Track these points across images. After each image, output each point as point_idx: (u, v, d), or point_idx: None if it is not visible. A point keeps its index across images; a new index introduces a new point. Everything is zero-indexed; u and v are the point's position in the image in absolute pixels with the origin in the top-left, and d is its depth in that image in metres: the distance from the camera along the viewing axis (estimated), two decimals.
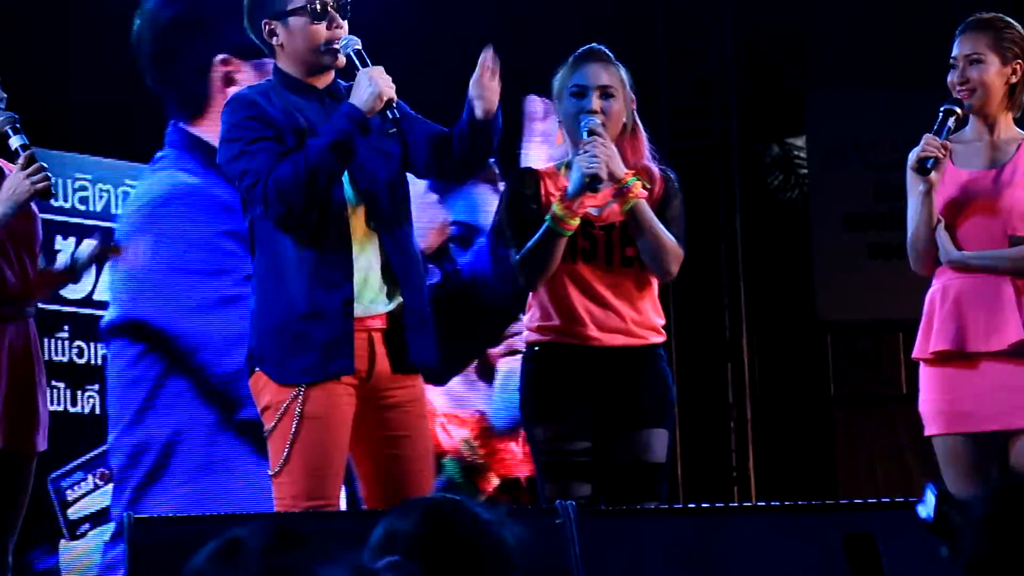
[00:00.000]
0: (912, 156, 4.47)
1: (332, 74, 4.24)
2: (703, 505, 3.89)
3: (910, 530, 3.66)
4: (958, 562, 1.89)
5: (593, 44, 4.57)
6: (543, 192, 4.48)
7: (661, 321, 4.55)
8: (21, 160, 4.18)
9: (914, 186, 4.52)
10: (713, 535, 3.63)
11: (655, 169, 4.54)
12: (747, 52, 9.08)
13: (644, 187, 4.43)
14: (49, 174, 4.23)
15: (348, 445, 4.12)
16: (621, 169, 4.36)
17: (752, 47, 9.11)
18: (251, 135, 4.08)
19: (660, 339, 4.53)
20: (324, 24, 4.13)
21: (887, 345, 9.29)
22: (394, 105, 4.05)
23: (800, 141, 9.41)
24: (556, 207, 4.35)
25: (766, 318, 9.19)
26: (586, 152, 4.32)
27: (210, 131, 6.41)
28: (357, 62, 4.10)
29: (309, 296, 4.05)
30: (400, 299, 4.16)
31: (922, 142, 4.45)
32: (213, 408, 6.26)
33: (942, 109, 4.50)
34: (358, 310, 4.08)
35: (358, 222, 4.14)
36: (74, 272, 4.46)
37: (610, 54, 4.55)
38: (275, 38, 4.18)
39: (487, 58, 4.09)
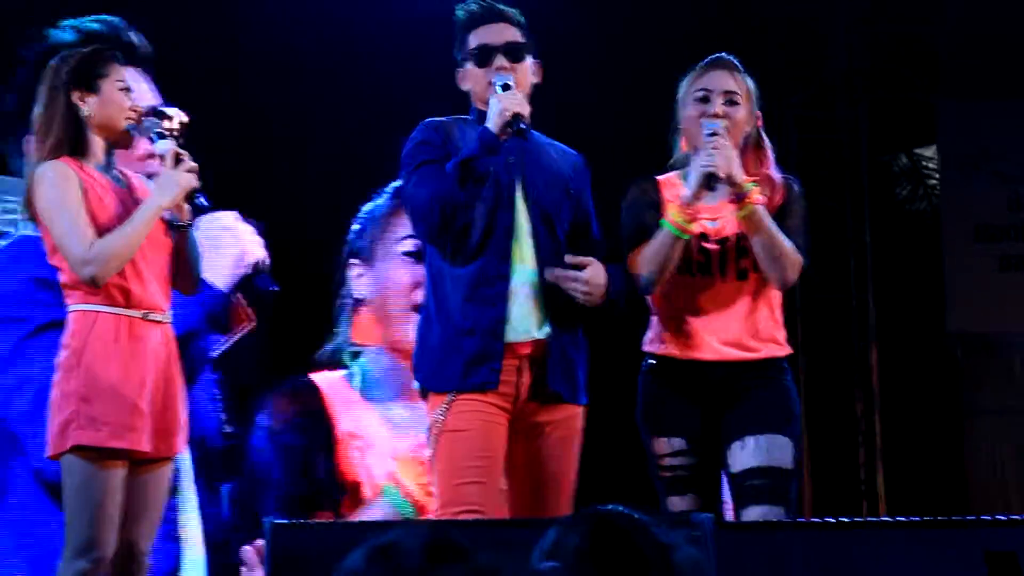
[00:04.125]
0: None
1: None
2: (840, 520, 3.85)
3: None
4: None
5: (722, 53, 4.57)
6: (662, 200, 4.48)
7: (782, 334, 4.51)
8: (169, 159, 4.18)
9: None
10: (851, 550, 3.60)
11: (777, 177, 4.51)
12: (875, 62, 9.01)
13: (762, 194, 4.40)
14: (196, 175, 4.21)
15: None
16: (740, 174, 4.34)
17: (880, 56, 9.04)
18: (420, 158, 4.35)
19: (781, 352, 4.48)
20: (485, 69, 4.38)
21: (1018, 358, 9.17)
22: (521, 119, 4.22)
23: (928, 151, 9.31)
24: (673, 211, 4.35)
25: (895, 330, 9.10)
26: (704, 151, 4.33)
27: None
28: (502, 87, 4.32)
29: (463, 312, 4.28)
30: (549, 329, 4.30)
31: None
32: None
33: None
34: (510, 334, 4.25)
35: (519, 247, 4.33)
36: None
37: (738, 63, 4.54)
38: (463, 84, 4.46)
39: (557, 275, 4.29)
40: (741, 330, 4.42)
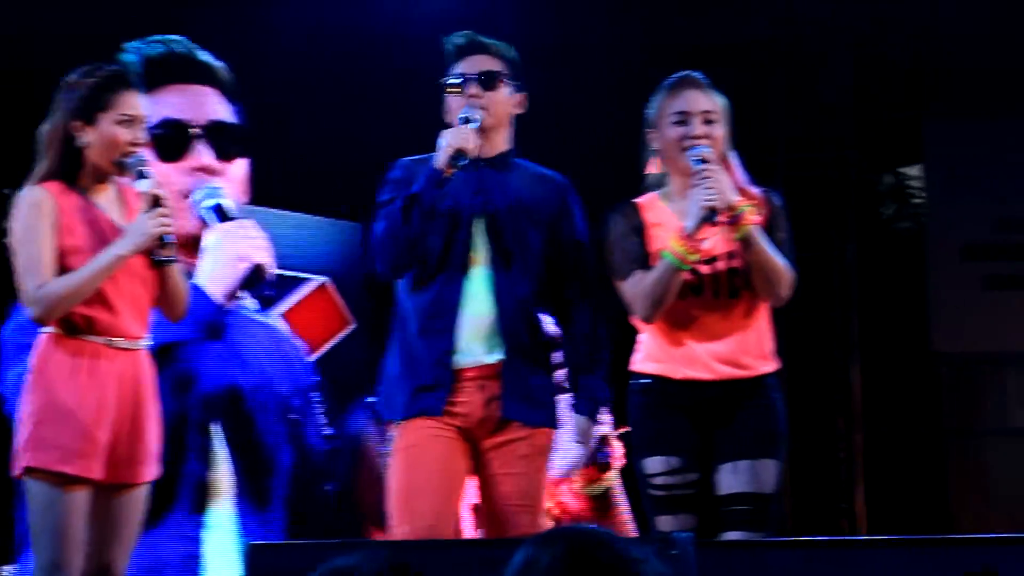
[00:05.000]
0: None
1: (500, 144, 4.50)
2: (818, 539, 3.85)
3: None
4: None
5: (689, 71, 4.56)
6: (645, 225, 4.47)
7: (772, 349, 4.52)
8: (145, 201, 4.15)
9: None
10: (830, 568, 3.60)
11: (757, 192, 4.50)
12: (863, 82, 9.02)
13: (756, 213, 4.40)
14: (169, 220, 4.16)
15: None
16: (734, 196, 4.34)
17: (869, 76, 9.06)
18: (383, 199, 4.45)
19: (771, 367, 4.50)
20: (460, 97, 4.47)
21: (1001, 378, 9.17)
22: (464, 155, 4.30)
23: (913, 170, 9.32)
24: (675, 243, 4.33)
25: (878, 348, 9.11)
26: (701, 185, 4.31)
27: None
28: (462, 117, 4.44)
29: (416, 342, 4.39)
30: (502, 355, 4.37)
31: None
32: None
33: None
34: (460, 362, 4.35)
35: (474, 276, 4.40)
36: None
37: (706, 80, 4.53)
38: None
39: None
40: (735, 348, 4.43)
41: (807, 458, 8.74)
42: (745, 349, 4.43)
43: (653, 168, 4.55)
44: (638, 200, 4.54)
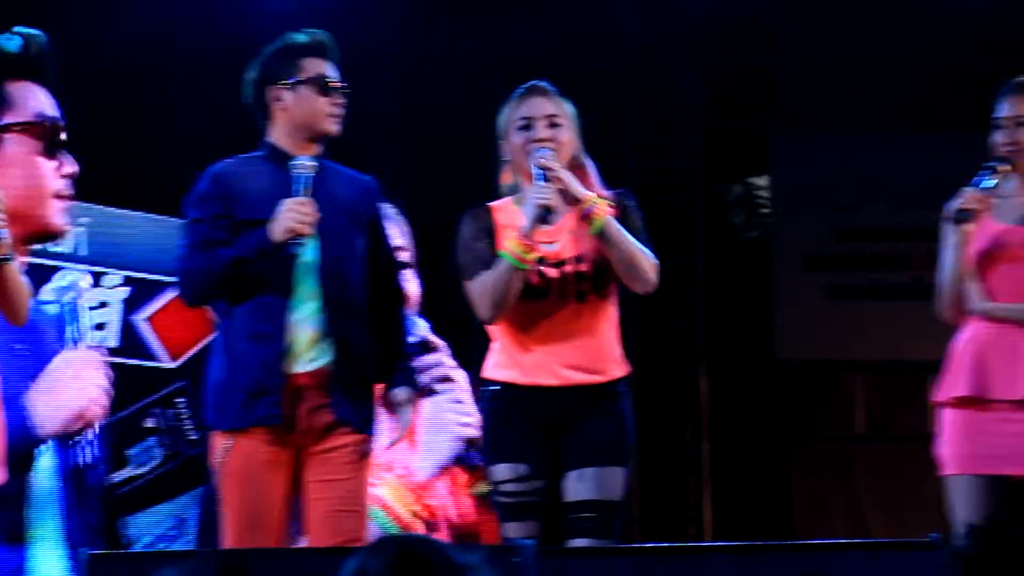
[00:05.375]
0: (951, 207, 4.62)
1: (316, 151, 4.43)
2: (661, 545, 3.89)
3: (866, 571, 3.68)
4: None
5: (536, 81, 4.59)
6: (496, 227, 4.49)
7: (621, 356, 4.53)
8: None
9: (948, 236, 4.65)
10: (671, 575, 3.63)
11: (608, 194, 4.53)
12: (713, 93, 9.14)
13: (609, 205, 4.43)
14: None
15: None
16: (581, 191, 4.37)
17: (718, 88, 9.17)
18: (193, 216, 4.38)
19: (620, 374, 4.50)
20: (328, 99, 4.38)
21: (845, 385, 9.34)
22: (301, 240, 4.23)
23: (762, 181, 9.45)
24: (512, 242, 4.37)
25: (725, 357, 9.22)
26: (536, 185, 4.35)
27: None
28: (299, 188, 4.30)
29: (244, 348, 4.30)
30: (331, 359, 4.32)
31: (962, 194, 4.60)
32: None
33: (987, 165, 4.64)
34: (290, 367, 4.27)
35: (303, 281, 4.33)
36: None
37: (553, 89, 4.57)
38: (279, 103, 4.40)
39: None
40: (583, 353, 4.44)
41: (655, 465, 8.81)
42: (592, 355, 4.45)
43: (507, 178, 4.57)
44: (492, 203, 4.56)
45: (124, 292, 5.62)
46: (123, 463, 5.45)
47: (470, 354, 4.88)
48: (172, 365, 5.46)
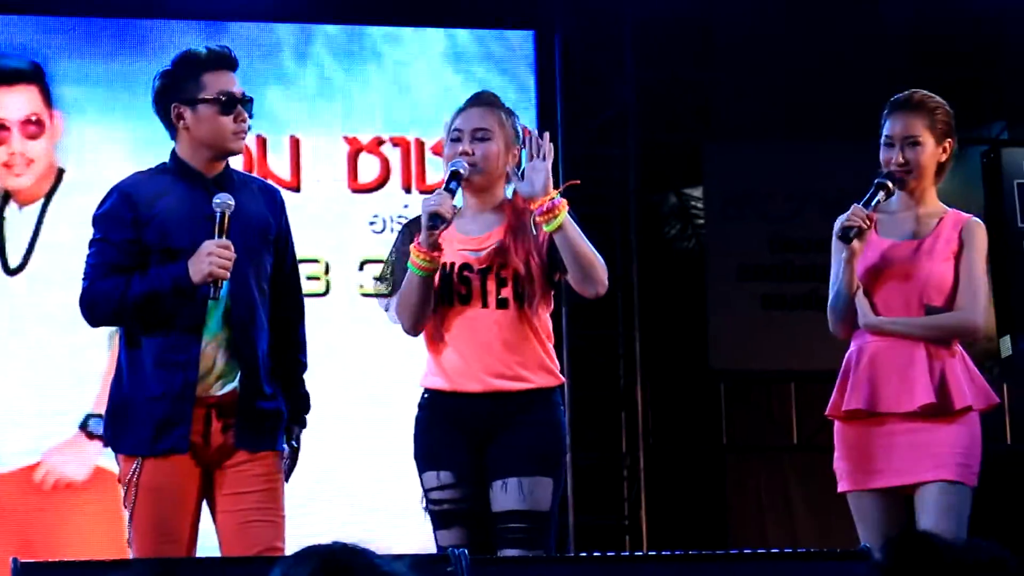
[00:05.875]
0: (838, 224, 4.64)
1: (223, 165, 4.41)
2: (595, 554, 3.88)
3: None
4: None
5: (483, 90, 4.64)
6: None
7: (553, 364, 4.50)
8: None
9: (837, 252, 4.67)
10: None
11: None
12: (646, 103, 9.16)
13: (534, 266, 4.41)
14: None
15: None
16: (546, 186, 4.36)
17: (651, 98, 9.20)
18: (100, 236, 4.33)
19: (551, 382, 4.48)
20: (231, 117, 4.34)
21: (779, 395, 9.37)
22: (219, 284, 4.19)
23: (697, 191, 9.48)
24: (412, 250, 4.37)
25: (660, 367, 9.24)
26: (435, 192, 4.37)
27: None
28: (218, 231, 4.25)
29: (154, 376, 4.26)
30: (237, 384, 4.30)
31: (849, 211, 4.61)
32: None
33: (875, 183, 4.66)
34: (200, 391, 4.26)
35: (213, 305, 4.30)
36: None
37: (497, 98, 4.59)
38: (182, 121, 4.36)
39: None
40: (507, 360, 4.42)
41: (591, 475, 8.82)
42: (517, 362, 4.42)
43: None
44: None
45: None
46: None
47: None
48: None
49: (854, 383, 4.61)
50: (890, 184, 4.65)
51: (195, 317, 4.26)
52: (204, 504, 4.36)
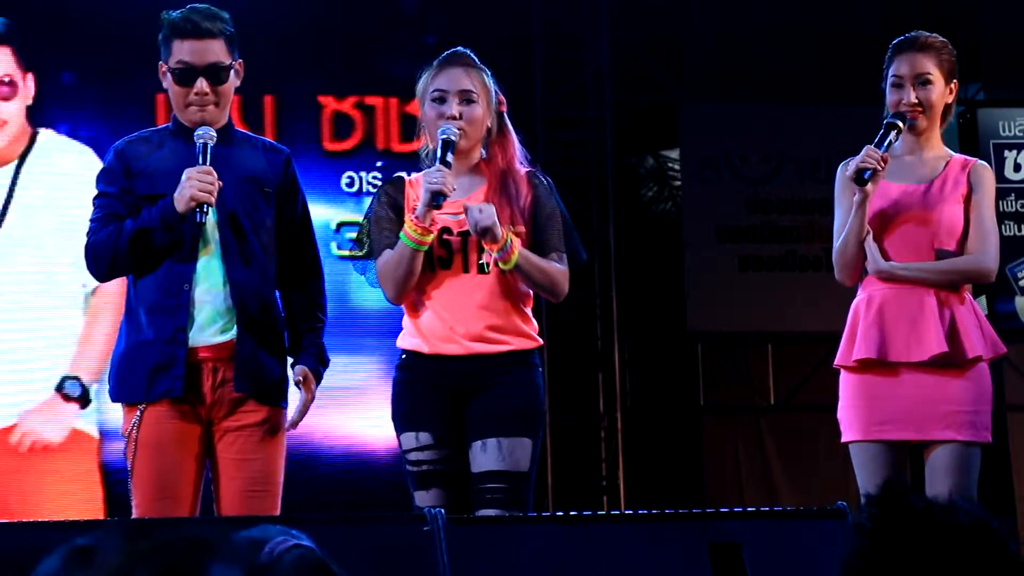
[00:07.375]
0: (850, 166, 4.54)
1: (219, 124, 4.40)
2: (571, 513, 3.88)
3: (775, 539, 3.70)
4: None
5: (457, 48, 4.55)
6: (406, 202, 4.45)
7: (532, 327, 4.50)
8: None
9: (845, 196, 4.59)
10: (581, 544, 3.62)
11: (523, 172, 4.50)
12: (622, 65, 9.15)
13: (517, 235, 4.39)
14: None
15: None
16: (498, 230, 4.32)
17: (627, 60, 9.18)
18: (99, 192, 4.37)
19: (529, 345, 4.46)
20: (186, 89, 4.35)
21: (756, 357, 9.40)
22: (204, 209, 4.20)
23: (674, 153, 9.48)
24: (409, 226, 4.35)
25: (638, 328, 9.25)
26: (433, 168, 4.32)
27: None
28: (201, 158, 4.28)
29: (147, 322, 4.30)
30: (235, 333, 4.31)
31: (862, 153, 4.51)
32: None
33: (885, 122, 4.58)
34: (193, 340, 4.27)
35: (205, 254, 4.32)
36: None
37: (474, 58, 4.51)
38: (165, 81, 4.42)
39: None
40: (486, 323, 4.40)
41: (569, 436, 8.84)
42: (495, 325, 4.41)
43: (421, 143, 4.54)
44: (409, 176, 4.52)
45: None
46: None
47: None
48: None
49: (864, 332, 4.52)
50: (901, 124, 4.56)
51: (185, 264, 4.28)
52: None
